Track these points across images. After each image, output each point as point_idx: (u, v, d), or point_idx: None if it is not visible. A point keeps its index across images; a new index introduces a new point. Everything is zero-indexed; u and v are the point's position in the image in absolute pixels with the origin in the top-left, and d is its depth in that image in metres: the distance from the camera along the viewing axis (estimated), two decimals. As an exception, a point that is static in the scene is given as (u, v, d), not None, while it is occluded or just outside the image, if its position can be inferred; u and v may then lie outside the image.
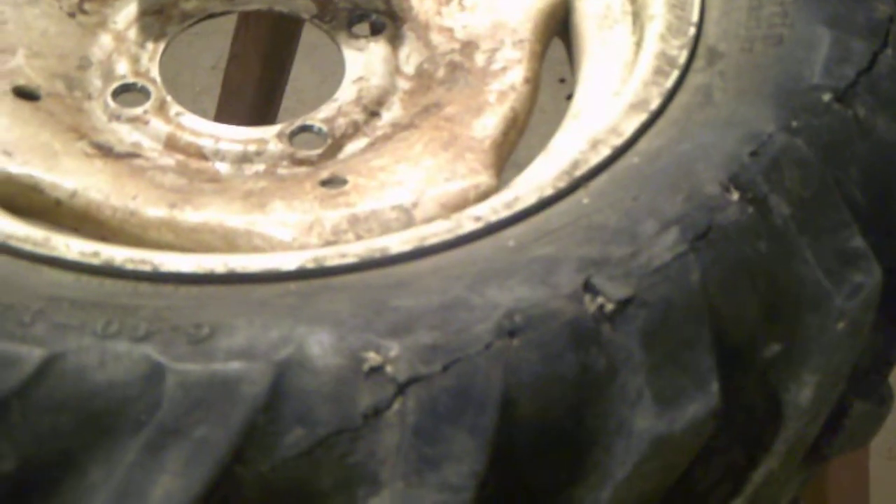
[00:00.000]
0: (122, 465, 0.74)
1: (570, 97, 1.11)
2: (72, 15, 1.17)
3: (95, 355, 0.77)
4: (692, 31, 1.03)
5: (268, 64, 1.63)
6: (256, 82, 1.65)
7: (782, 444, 0.84)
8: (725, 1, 1.05)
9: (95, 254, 0.87)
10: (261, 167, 1.08)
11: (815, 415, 0.85)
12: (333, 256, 0.87)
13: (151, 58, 1.17)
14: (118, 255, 0.87)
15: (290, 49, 1.66)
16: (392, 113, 1.13)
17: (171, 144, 1.09)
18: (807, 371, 0.84)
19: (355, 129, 1.12)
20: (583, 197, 0.91)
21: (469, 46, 1.16)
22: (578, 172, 0.93)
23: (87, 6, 1.18)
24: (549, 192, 0.91)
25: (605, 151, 0.94)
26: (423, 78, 1.16)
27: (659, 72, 1.01)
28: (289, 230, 0.98)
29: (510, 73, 1.12)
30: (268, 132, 1.11)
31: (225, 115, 1.65)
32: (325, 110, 1.13)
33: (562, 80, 1.93)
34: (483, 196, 0.98)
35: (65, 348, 0.77)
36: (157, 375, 0.76)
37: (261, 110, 1.66)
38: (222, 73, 1.62)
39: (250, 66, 1.67)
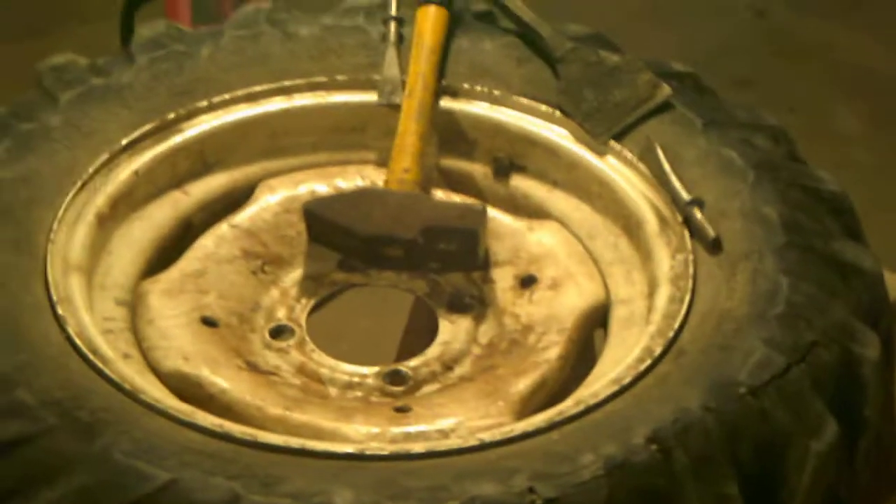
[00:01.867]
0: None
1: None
2: (254, 273, 1.66)
3: (200, 484, 1.21)
4: (671, 334, 1.44)
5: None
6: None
7: None
8: (701, 318, 1.45)
9: (220, 426, 1.31)
10: (359, 394, 1.52)
11: None
12: (372, 449, 1.29)
13: (303, 309, 1.63)
14: (235, 429, 1.31)
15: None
16: (462, 369, 1.56)
17: (300, 370, 1.54)
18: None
19: (433, 377, 1.55)
20: (554, 434, 1.31)
21: (527, 329, 1.59)
22: (558, 419, 1.33)
23: (266, 268, 1.67)
24: (533, 427, 1.32)
25: (580, 408, 1.35)
26: (490, 347, 1.59)
27: (639, 360, 1.42)
28: (361, 435, 1.40)
29: (549, 350, 1.54)
30: (370, 371, 1.54)
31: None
32: (415, 361, 1.56)
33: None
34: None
35: (181, 476, 1.21)
36: (235, 501, 1.19)
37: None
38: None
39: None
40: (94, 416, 1.27)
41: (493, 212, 1.71)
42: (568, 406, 1.36)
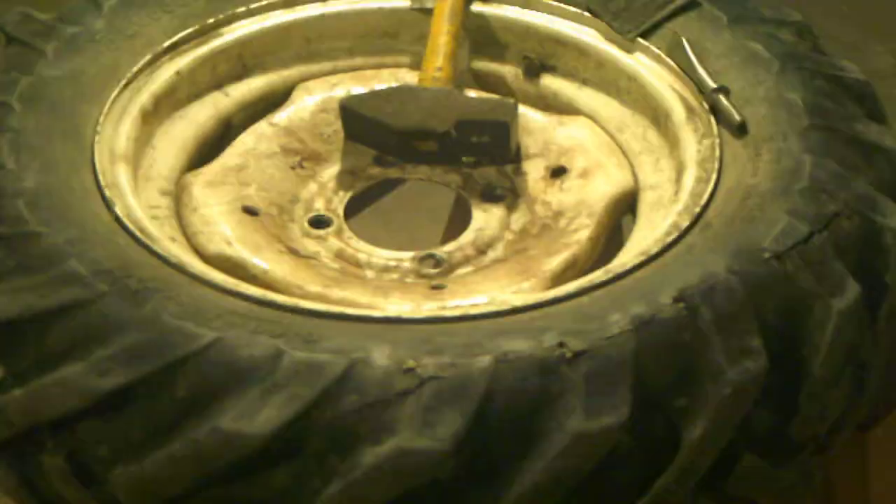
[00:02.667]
0: (246, 400, 1.22)
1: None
2: (293, 168, 1.71)
3: (244, 341, 1.26)
4: (697, 210, 1.48)
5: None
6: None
7: (677, 465, 1.25)
8: (727, 195, 1.50)
9: (264, 294, 1.37)
10: (395, 276, 1.57)
11: (702, 450, 1.26)
12: (408, 313, 1.35)
13: (340, 201, 1.69)
14: (277, 297, 1.37)
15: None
16: (495, 253, 1.61)
17: (339, 255, 1.60)
18: (700, 418, 1.25)
19: (466, 260, 1.60)
20: (584, 299, 1.36)
21: (558, 214, 1.64)
22: (588, 285, 1.38)
23: (305, 164, 1.72)
24: (564, 293, 1.37)
25: (609, 276, 1.39)
26: (522, 233, 1.64)
27: (667, 233, 1.46)
28: (398, 310, 1.45)
29: (579, 232, 1.58)
30: (405, 255, 1.60)
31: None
32: (449, 246, 1.61)
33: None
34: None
35: (227, 335, 1.27)
36: (279, 356, 1.25)
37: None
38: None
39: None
40: (142, 283, 1.33)
41: (523, 108, 1.75)
42: (597, 275, 1.40)
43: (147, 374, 1.24)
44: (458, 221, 1.70)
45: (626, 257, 1.45)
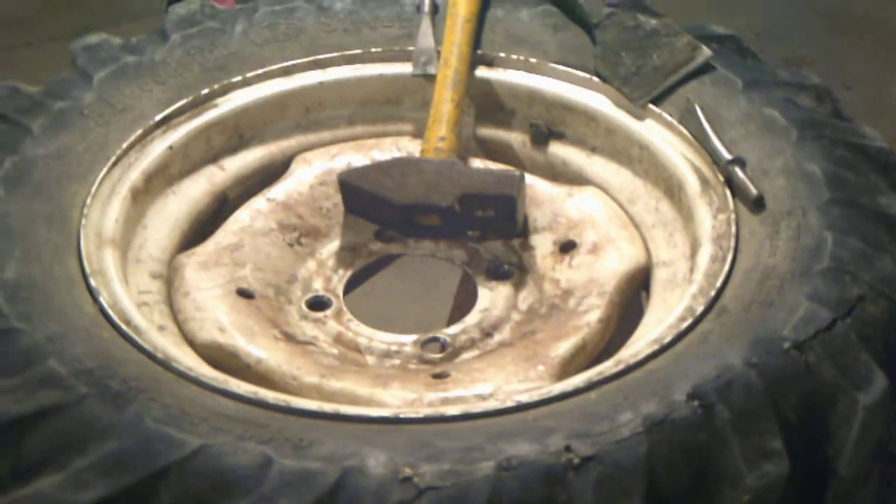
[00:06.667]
0: (232, 515, 1.14)
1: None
2: (290, 245, 1.64)
3: (231, 448, 1.19)
4: (713, 293, 1.40)
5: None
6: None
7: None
8: (744, 276, 1.42)
9: (253, 392, 1.29)
10: (397, 362, 1.50)
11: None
12: (406, 412, 1.27)
13: (340, 280, 1.62)
14: (268, 395, 1.29)
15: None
16: (502, 335, 1.54)
17: (338, 339, 1.53)
18: (718, 528, 1.17)
19: (472, 344, 1.52)
20: (592, 394, 1.28)
21: (567, 293, 1.56)
22: (597, 378, 1.30)
23: (303, 240, 1.65)
24: (571, 387, 1.29)
25: (620, 367, 1.31)
26: (530, 313, 1.56)
27: (681, 319, 1.38)
28: (397, 401, 1.38)
29: (590, 314, 1.51)
30: (408, 339, 1.52)
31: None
32: (454, 328, 1.54)
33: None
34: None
35: (213, 442, 1.19)
36: (267, 464, 1.17)
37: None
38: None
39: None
40: (125, 384, 1.26)
41: (531, 178, 1.68)
42: (607, 366, 1.33)
43: (127, 486, 1.17)
44: (465, 297, 1.62)
45: (639, 345, 1.37)
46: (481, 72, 1.77)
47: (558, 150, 1.75)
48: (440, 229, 1.63)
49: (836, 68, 3.47)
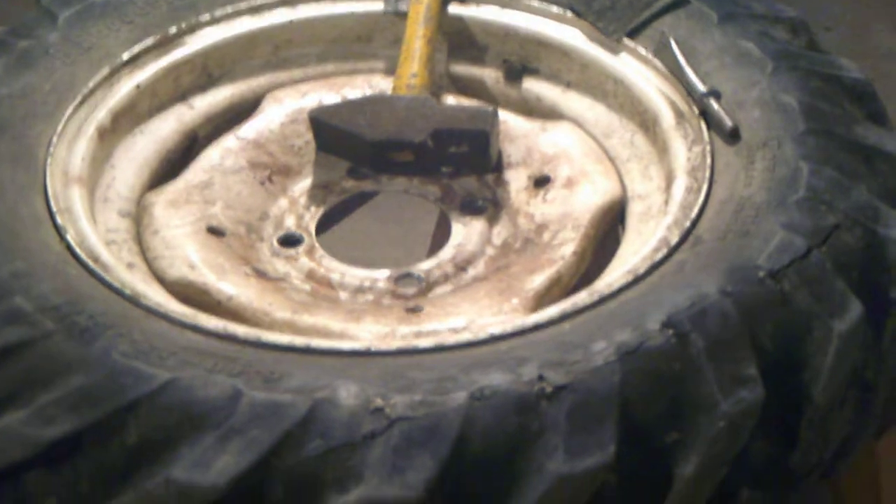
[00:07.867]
0: (201, 447, 1.13)
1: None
2: (262, 183, 1.62)
3: (200, 382, 1.17)
4: (688, 224, 1.39)
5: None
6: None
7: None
8: (719, 206, 1.41)
9: (223, 327, 1.28)
10: (370, 297, 1.48)
11: (696, 487, 1.17)
12: (378, 345, 1.26)
13: (312, 217, 1.60)
14: (238, 329, 1.27)
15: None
16: (476, 270, 1.52)
17: (310, 276, 1.51)
18: (693, 453, 1.16)
19: (445, 279, 1.51)
20: (566, 325, 1.27)
21: (541, 227, 1.54)
22: (570, 309, 1.29)
23: (274, 178, 1.63)
24: (545, 318, 1.28)
25: (594, 298, 1.30)
26: (504, 248, 1.54)
27: (656, 250, 1.37)
28: (370, 335, 1.36)
29: (564, 247, 1.49)
30: (381, 274, 1.51)
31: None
32: (428, 263, 1.52)
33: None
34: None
35: (181, 375, 1.18)
36: (237, 397, 1.16)
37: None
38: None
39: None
40: (92, 320, 1.24)
41: (505, 114, 1.66)
42: (581, 297, 1.31)
43: (95, 420, 1.15)
44: (443, 237, 1.60)
45: (613, 276, 1.35)
46: (454, 8, 1.75)
47: (532, 85, 1.72)
48: (413, 166, 1.61)
49: (818, 10, 3.45)
